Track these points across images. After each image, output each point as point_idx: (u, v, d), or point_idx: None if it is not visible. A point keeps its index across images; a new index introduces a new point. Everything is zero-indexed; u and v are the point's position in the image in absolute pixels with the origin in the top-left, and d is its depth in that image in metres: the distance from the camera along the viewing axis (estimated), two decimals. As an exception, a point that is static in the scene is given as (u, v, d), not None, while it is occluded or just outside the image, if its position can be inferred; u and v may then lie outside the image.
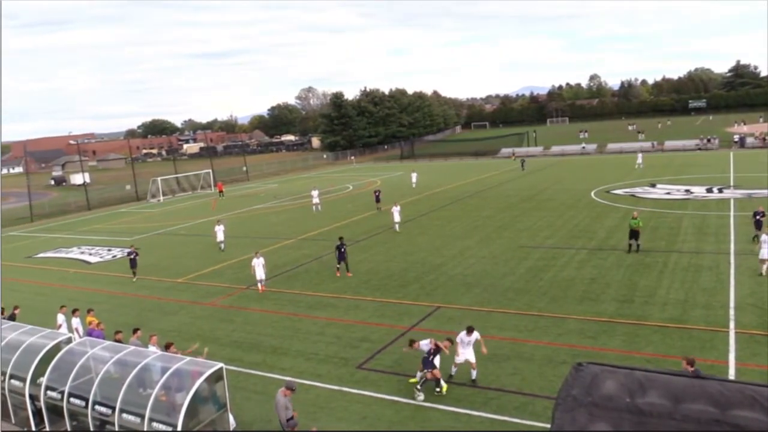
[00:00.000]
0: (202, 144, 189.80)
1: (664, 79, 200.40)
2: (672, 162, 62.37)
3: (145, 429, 11.96)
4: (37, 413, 14.45)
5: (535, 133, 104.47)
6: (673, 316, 18.42)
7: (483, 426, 13.09)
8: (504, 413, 13.48)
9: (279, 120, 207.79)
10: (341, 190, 62.04)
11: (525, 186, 52.14)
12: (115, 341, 15.72)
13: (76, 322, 19.33)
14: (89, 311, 19.61)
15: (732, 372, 14.39)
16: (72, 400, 13.48)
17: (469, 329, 15.23)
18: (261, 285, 25.11)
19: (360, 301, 22.58)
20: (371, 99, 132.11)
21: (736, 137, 77.93)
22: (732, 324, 17.39)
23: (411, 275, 25.59)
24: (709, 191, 41.10)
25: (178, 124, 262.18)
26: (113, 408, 12.58)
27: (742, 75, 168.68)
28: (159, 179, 69.24)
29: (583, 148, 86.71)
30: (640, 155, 60.79)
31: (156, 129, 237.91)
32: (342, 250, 26.06)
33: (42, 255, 39.08)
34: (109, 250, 38.36)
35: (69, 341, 15.30)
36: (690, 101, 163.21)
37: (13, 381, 14.90)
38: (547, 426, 8.82)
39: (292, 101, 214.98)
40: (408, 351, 15.70)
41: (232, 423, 13.12)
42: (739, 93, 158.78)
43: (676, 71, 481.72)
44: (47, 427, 14.27)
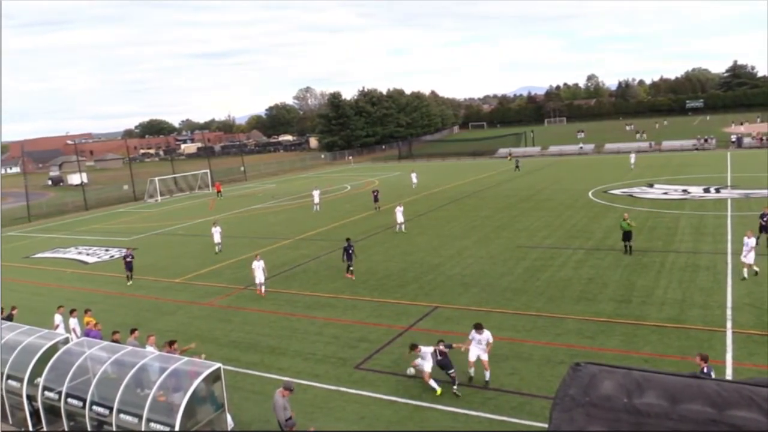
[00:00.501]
0: (199, 144, 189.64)
1: (661, 79, 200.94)
2: (669, 162, 62.48)
3: (143, 429, 11.94)
4: (35, 414, 14.41)
5: (533, 133, 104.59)
6: (671, 316, 18.45)
7: (481, 426, 13.10)
8: (502, 413, 13.48)
9: (277, 120, 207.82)
10: (339, 190, 62.03)
11: (523, 186, 52.19)
12: (113, 341, 15.70)
13: (73, 322, 19.30)
14: (86, 311, 19.58)
15: (729, 372, 14.42)
16: (69, 400, 13.45)
17: (477, 326, 15.07)
18: (261, 288, 24.46)
19: (358, 301, 22.58)
20: (369, 99, 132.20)
21: (733, 137, 78.12)
22: (729, 324, 17.43)
23: (409, 275, 25.59)
24: (707, 191, 41.17)
25: (175, 124, 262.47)
26: (111, 408, 12.56)
27: (739, 75, 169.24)
28: (156, 179, 69.18)
29: (581, 148, 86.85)
30: (632, 156, 61.09)
31: (153, 129, 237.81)
32: (350, 251, 25.71)
33: (39, 255, 39.01)
34: (107, 250, 38.30)
35: (66, 341, 15.27)
36: (687, 101, 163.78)
37: (11, 381, 14.87)
38: (545, 426, 8.82)
39: (290, 101, 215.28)
40: (411, 356, 15.61)
41: (230, 423, 13.10)
42: (737, 93, 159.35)
43: (673, 71, 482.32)
44: (44, 428, 14.24)
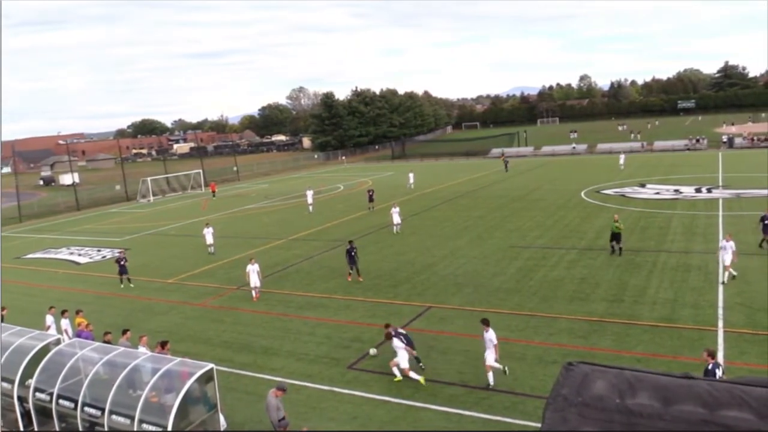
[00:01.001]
0: (192, 144, 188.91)
1: (653, 80, 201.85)
2: (661, 162, 62.80)
3: (135, 430, 11.89)
4: (26, 415, 14.31)
5: (526, 134, 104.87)
6: (663, 315, 18.55)
7: (474, 425, 13.13)
8: (495, 413, 13.52)
9: (270, 120, 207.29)
10: (332, 190, 61.98)
11: (515, 186, 52.31)
12: (104, 342, 15.63)
13: (65, 323, 19.20)
14: (78, 312, 19.47)
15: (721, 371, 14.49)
16: (61, 401, 13.37)
17: (483, 322, 15.17)
18: (255, 292, 23.92)
19: (351, 302, 22.57)
20: (362, 99, 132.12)
21: (724, 137, 78.63)
22: (720, 323, 17.54)
23: (402, 275, 25.61)
24: (698, 191, 41.41)
25: (168, 124, 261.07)
26: (103, 409, 12.49)
27: (730, 76, 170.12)
28: (149, 179, 68.88)
29: (574, 148, 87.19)
30: (622, 156, 61.45)
31: (146, 129, 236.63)
32: (353, 253, 25.21)
33: (31, 256, 38.77)
34: (99, 250, 38.12)
35: (58, 342, 15.18)
36: (679, 102, 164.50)
37: (2, 383, 14.77)
38: (538, 425, 8.85)
39: (283, 101, 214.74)
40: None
41: (222, 424, 13.07)
42: (728, 93, 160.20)
43: (665, 72, 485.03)
44: (36, 429, 14.15)
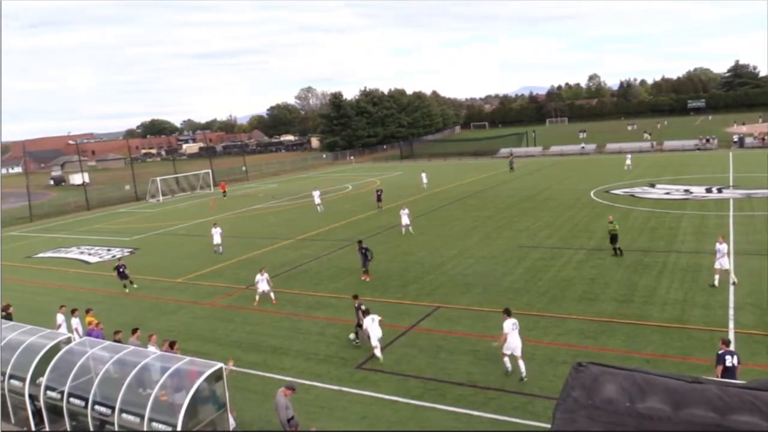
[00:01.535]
0: (201, 144, 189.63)
1: (663, 79, 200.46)
2: (671, 162, 62.41)
3: (145, 429, 11.95)
4: (37, 413, 14.43)
5: (534, 133, 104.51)
6: (673, 316, 18.43)
7: (483, 426, 13.09)
8: (504, 413, 13.48)
9: (278, 120, 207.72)
10: (341, 190, 62.04)
11: (524, 186, 52.15)
12: (115, 341, 15.72)
13: (75, 322, 19.30)
14: (88, 311, 19.58)
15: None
16: (72, 400, 13.47)
17: (505, 312, 15.53)
18: (272, 296, 23.34)
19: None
20: (370, 99, 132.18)
21: (735, 137, 78.04)
22: (731, 324, 17.40)
23: (411, 275, 25.59)
24: (709, 191, 41.12)
25: (177, 124, 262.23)
26: (113, 408, 12.57)
27: (741, 75, 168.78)
28: (158, 179, 69.21)
29: (583, 148, 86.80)
30: (628, 156, 61.20)
31: (155, 129, 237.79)
32: (364, 252, 25.39)
33: (41, 255, 39.05)
34: (109, 250, 38.33)
35: (68, 341, 15.29)
36: (689, 101, 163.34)
37: (13, 381, 14.89)
38: (548, 426, 8.82)
39: (291, 101, 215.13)
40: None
41: (231, 423, 13.11)
42: (738, 93, 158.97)
43: (675, 71, 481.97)
44: (47, 427, 14.26)
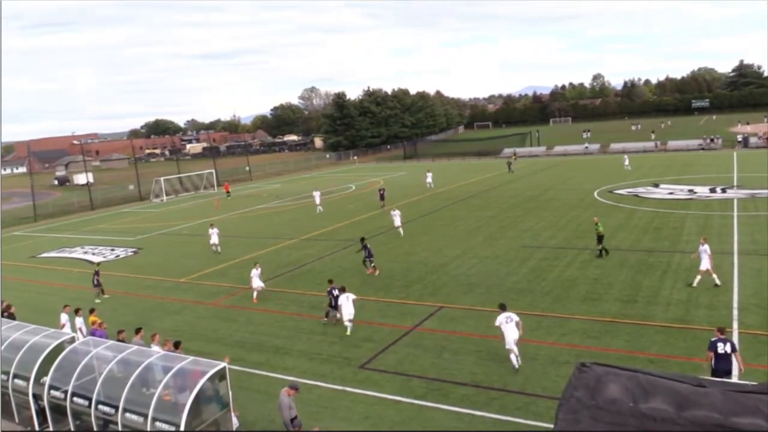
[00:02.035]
0: (205, 144, 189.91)
1: (667, 79, 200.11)
2: (675, 162, 62.25)
3: (148, 428, 11.97)
4: (41, 412, 14.48)
5: (538, 133, 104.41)
6: (677, 316, 18.38)
7: (486, 426, 13.08)
8: (507, 413, 13.46)
9: (282, 120, 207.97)
10: (344, 190, 62.07)
11: (528, 186, 52.08)
12: (118, 341, 15.76)
13: (79, 321, 19.38)
14: (91, 311, 19.66)
15: (735, 372, 14.34)
16: (75, 399, 13.51)
17: (500, 307, 16.44)
18: (256, 294, 24.03)
19: (363, 301, 22.51)
20: (374, 99, 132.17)
21: (739, 137, 77.77)
22: (735, 324, 17.34)
23: (414, 275, 25.58)
24: (713, 191, 41.00)
25: (181, 124, 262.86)
26: (116, 407, 12.60)
27: (745, 75, 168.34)
28: (162, 179, 69.38)
29: (586, 147, 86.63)
30: (626, 158, 61.20)
31: (159, 129, 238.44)
32: (367, 246, 26.64)
33: (45, 255, 39.17)
34: (113, 249, 38.43)
35: (72, 341, 15.33)
36: (693, 101, 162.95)
37: (17, 380, 14.94)
38: (550, 426, 8.81)
39: (295, 101, 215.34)
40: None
41: (235, 423, 13.13)
42: (743, 93, 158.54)
43: (679, 71, 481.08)
44: (50, 427, 14.30)
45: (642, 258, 25.07)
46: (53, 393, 14.00)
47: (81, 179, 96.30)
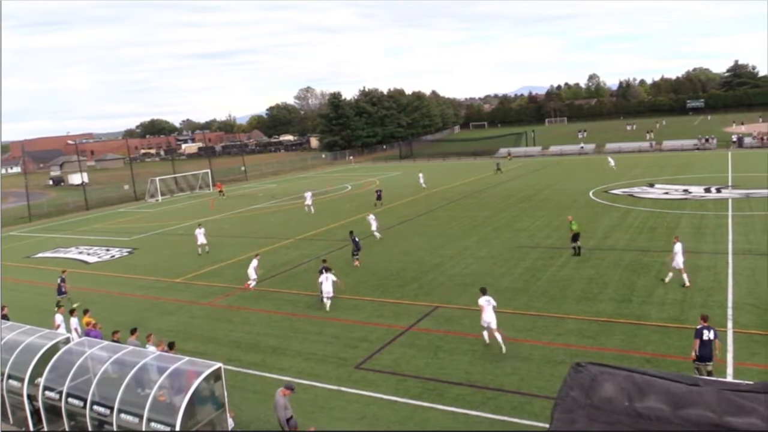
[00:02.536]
0: (200, 144, 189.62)
1: (662, 79, 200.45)
2: (670, 162, 62.45)
3: (144, 429, 11.94)
4: (35, 413, 14.41)
5: (534, 133, 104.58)
6: (672, 315, 18.44)
7: (481, 426, 13.09)
8: (502, 413, 13.48)
9: (277, 120, 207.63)
10: (340, 189, 62.04)
11: (523, 186, 52.17)
12: (113, 341, 15.71)
13: (74, 322, 19.27)
14: (86, 312, 19.57)
15: (730, 372, 14.41)
16: (70, 400, 13.46)
17: (481, 290, 17.41)
18: (246, 284, 25.69)
19: (358, 301, 22.58)
20: (369, 99, 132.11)
21: (734, 137, 78.07)
22: (730, 324, 17.41)
23: (409, 275, 25.59)
24: (708, 191, 41.15)
25: (176, 124, 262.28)
26: (111, 408, 12.56)
27: (740, 75, 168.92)
28: (157, 179, 69.19)
29: (582, 148, 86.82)
30: (611, 159, 61.47)
31: (154, 129, 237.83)
32: (356, 241, 27.97)
33: (40, 255, 39.02)
34: (108, 250, 38.31)
35: (67, 341, 15.28)
36: (688, 101, 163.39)
37: (11, 381, 14.87)
38: (546, 426, 8.81)
39: (291, 101, 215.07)
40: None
41: (230, 423, 13.10)
42: (738, 93, 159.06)
43: (674, 71, 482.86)
44: (45, 428, 14.24)
45: (637, 258, 25.14)
46: (48, 394, 13.94)
47: (76, 179, 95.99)
